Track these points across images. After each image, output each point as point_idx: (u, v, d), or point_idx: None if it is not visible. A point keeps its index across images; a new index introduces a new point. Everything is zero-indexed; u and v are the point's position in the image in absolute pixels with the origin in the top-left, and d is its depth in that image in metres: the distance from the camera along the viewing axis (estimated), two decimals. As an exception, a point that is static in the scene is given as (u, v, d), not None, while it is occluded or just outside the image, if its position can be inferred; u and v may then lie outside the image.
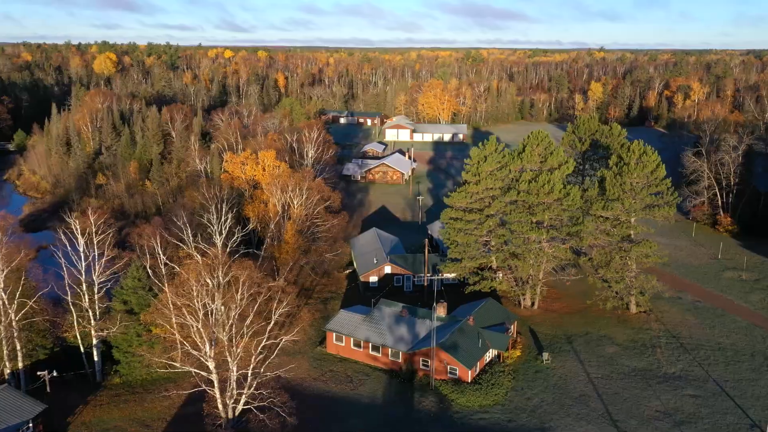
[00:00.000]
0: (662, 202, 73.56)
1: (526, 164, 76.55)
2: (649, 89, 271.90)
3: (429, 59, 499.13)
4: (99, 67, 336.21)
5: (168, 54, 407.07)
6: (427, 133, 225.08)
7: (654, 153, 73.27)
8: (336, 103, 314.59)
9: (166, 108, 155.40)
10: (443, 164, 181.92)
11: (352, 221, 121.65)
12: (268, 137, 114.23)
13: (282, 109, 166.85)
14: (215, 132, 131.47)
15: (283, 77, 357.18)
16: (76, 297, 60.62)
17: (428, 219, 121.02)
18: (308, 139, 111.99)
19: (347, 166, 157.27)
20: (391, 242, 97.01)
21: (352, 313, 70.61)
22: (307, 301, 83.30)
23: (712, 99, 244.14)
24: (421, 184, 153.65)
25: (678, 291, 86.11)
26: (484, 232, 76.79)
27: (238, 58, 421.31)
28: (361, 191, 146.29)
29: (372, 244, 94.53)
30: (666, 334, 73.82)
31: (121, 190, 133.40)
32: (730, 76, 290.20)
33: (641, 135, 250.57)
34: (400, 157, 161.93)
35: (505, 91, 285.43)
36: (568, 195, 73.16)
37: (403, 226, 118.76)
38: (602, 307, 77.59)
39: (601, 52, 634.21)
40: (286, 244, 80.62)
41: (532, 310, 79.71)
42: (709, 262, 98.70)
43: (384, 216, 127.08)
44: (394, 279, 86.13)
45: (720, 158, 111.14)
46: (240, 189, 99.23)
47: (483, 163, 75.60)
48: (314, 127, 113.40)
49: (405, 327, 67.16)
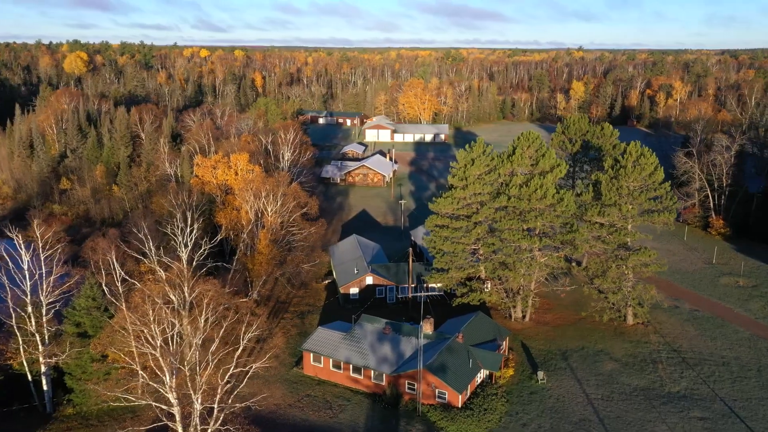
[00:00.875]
0: (661, 207, 69.04)
1: (516, 167, 71.55)
2: (631, 88, 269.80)
3: (408, 59, 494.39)
4: (69, 67, 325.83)
5: (142, 53, 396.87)
6: (408, 134, 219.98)
7: (652, 155, 68.74)
8: (315, 103, 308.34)
9: (135, 108, 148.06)
10: (425, 165, 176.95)
11: (331, 226, 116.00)
12: (242, 139, 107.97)
13: (257, 109, 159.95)
14: (186, 133, 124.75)
15: (260, 77, 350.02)
16: (20, 320, 54.16)
17: (411, 224, 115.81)
18: (284, 141, 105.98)
19: (326, 169, 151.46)
20: (373, 250, 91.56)
21: (331, 331, 65.02)
22: (283, 316, 77.51)
23: (694, 98, 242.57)
24: (403, 187, 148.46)
25: (674, 299, 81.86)
26: (472, 241, 71.66)
27: (214, 58, 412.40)
28: (341, 194, 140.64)
29: (352, 252, 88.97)
30: (666, 347, 69.35)
31: (86, 196, 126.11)
32: (710, 75, 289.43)
33: (625, 134, 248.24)
34: (380, 159, 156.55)
35: (486, 90, 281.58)
36: (562, 200, 68.32)
37: (385, 232, 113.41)
38: (598, 319, 73.01)
39: (580, 51, 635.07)
40: (260, 255, 74.76)
41: (524, 322, 74.78)
42: (703, 268, 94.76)
43: (365, 221, 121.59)
44: (376, 290, 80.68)
45: (712, 159, 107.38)
46: (211, 195, 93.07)
47: (470, 167, 70.45)
48: (290, 128, 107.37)
49: (389, 346, 61.74)
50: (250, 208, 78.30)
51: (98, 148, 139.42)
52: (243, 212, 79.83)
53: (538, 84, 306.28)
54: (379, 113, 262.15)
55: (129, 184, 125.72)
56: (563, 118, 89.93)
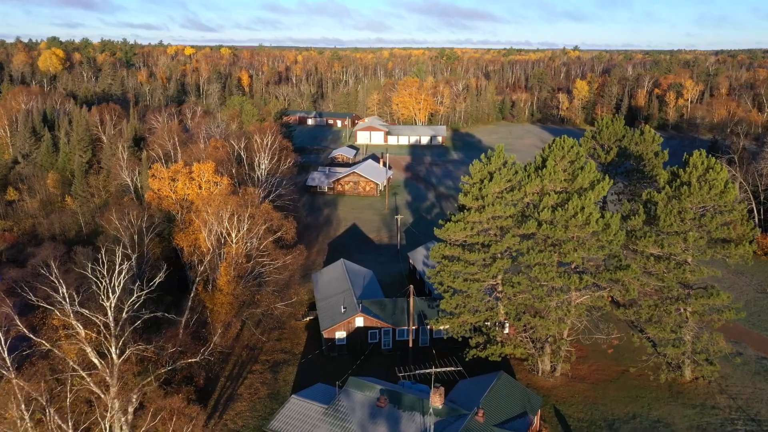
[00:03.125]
0: (735, 235, 53.70)
1: (547, 184, 55.98)
2: (637, 87, 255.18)
3: (402, 57, 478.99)
4: (44, 64, 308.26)
5: (123, 51, 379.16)
6: (402, 136, 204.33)
7: (722, 168, 53.40)
8: (304, 103, 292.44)
9: (96, 108, 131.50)
10: (422, 171, 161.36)
11: (316, 245, 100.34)
12: (210, 144, 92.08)
13: (230, 109, 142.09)
14: (151, 137, 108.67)
15: (247, 75, 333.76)
16: None
17: (409, 241, 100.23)
18: (261, 147, 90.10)
19: (312, 176, 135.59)
20: (364, 279, 75.90)
21: (308, 402, 49.24)
22: (252, 368, 61.66)
23: (706, 98, 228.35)
24: (399, 196, 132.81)
25: (733, 341, 66.48)
26: (490, 277, 56.11)
27: (199, 56, 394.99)
28: (329, 206, 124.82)
29: (339, 282, 73.20)
30: (740, 414, 54.01)
31: (35, 208, 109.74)
32: (722, 73, 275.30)
33: None
34: (373, 165, 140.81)
35: (485, 89, 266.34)
36: (608, 227, 52.85)
37: (379, 251, 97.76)
38: (649, 374, 57.69)
39: (576, 51, 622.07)
40: (220, 294, 58.90)
41: (554, 378, 59.29)
42: (757, 298, 79.61)
43: (355, 237, 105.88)
44: (368, 334, 64.98)
45: (760, 168, 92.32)
46: (169, 212, 77.17)
47: (488, 183, 54.84)
48: (268, 131, 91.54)
49: (385, 426, 46.08)
50: (209, 233, 62.40)
51: (53, 153, 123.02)
52: (202, 239, 63.92)
53: (538, 83, 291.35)
54: (371, 114, 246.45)
55: (85, 195, 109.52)
56: (595, 121, 74.29)
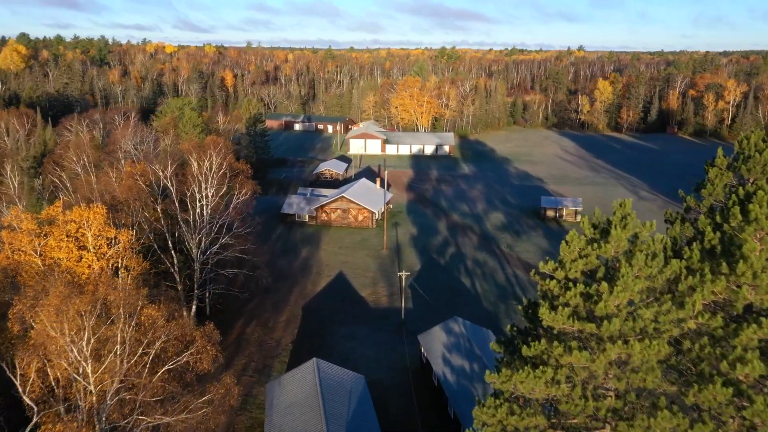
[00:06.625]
0: None
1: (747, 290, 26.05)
2: (669, 88, 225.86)
3: (400, 57, 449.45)
4: (4, 62, 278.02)
5: (98, 48, 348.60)
6: (403, 145, 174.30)
7: None
8: (292, 106, 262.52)
9: (2, 112, 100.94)
10: (428, 191, 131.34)
11: (286, 308, 70.72)
12: (126, 170, 61.70)
13: (168, 115, 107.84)
14: (57, 155, 77.98)
15: (231, 75, 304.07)
16: None
17: (416, 306, 70.43)
18: (199, 173, 60.06)
19: (290, 200, 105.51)
20: (350, 398, 46.18)
21: None
22: None
23: (750, 100, 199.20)
24: (400, 227, 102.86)
25: None
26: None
27: (181, 54, 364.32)
28: (309, 242, 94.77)
29: (307, 408, 43.37)
30: None
31: None
32: (764, 72, 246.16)
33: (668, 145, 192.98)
34: (367, 186, 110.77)
35: (495, 90, 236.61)
36: None
37: (376, 322, 67.66)
38: None
39: (581, 51, 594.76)
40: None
41: None
42: None
43: (342, 295, 75.75)
44: None
45: None
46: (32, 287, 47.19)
47: (609, 287, 24.95)
48: (212, 150, 61.27)
49: None
50: (57, 356, 32.56)
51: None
52: (57, 363, 34.01)
53: (553, 84, 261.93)
54: (367, 118, 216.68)
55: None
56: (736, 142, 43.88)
